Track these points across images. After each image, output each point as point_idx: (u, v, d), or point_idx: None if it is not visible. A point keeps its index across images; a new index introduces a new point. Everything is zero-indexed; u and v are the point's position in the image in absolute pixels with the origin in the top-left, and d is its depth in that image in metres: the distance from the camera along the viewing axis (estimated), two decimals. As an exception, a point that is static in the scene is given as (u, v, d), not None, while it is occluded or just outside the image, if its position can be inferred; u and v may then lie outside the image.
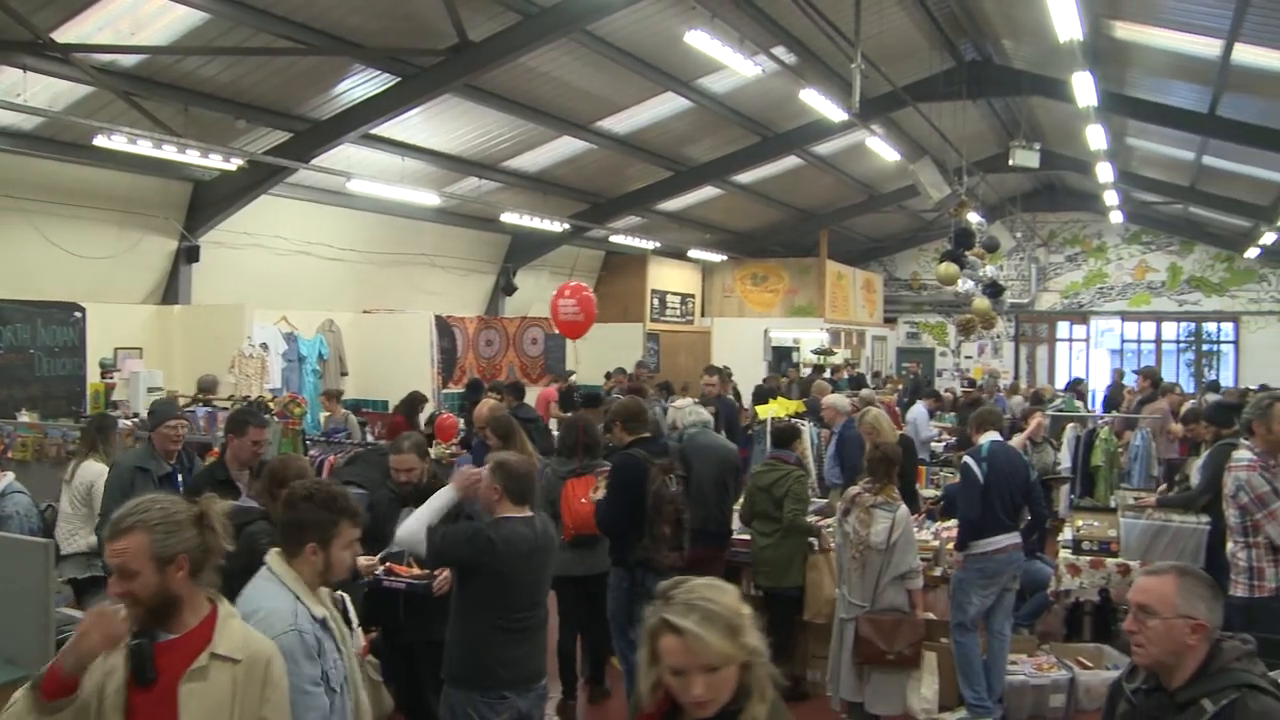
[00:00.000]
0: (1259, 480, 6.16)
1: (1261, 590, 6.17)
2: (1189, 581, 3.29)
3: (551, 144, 16.29)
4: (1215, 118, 15.61)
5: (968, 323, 19.68)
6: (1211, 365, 28.88)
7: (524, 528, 5.14)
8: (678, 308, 24.98)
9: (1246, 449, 6.39)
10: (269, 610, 3.54)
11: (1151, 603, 3.24)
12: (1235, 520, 6.29)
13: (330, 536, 3.73)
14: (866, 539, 7.07)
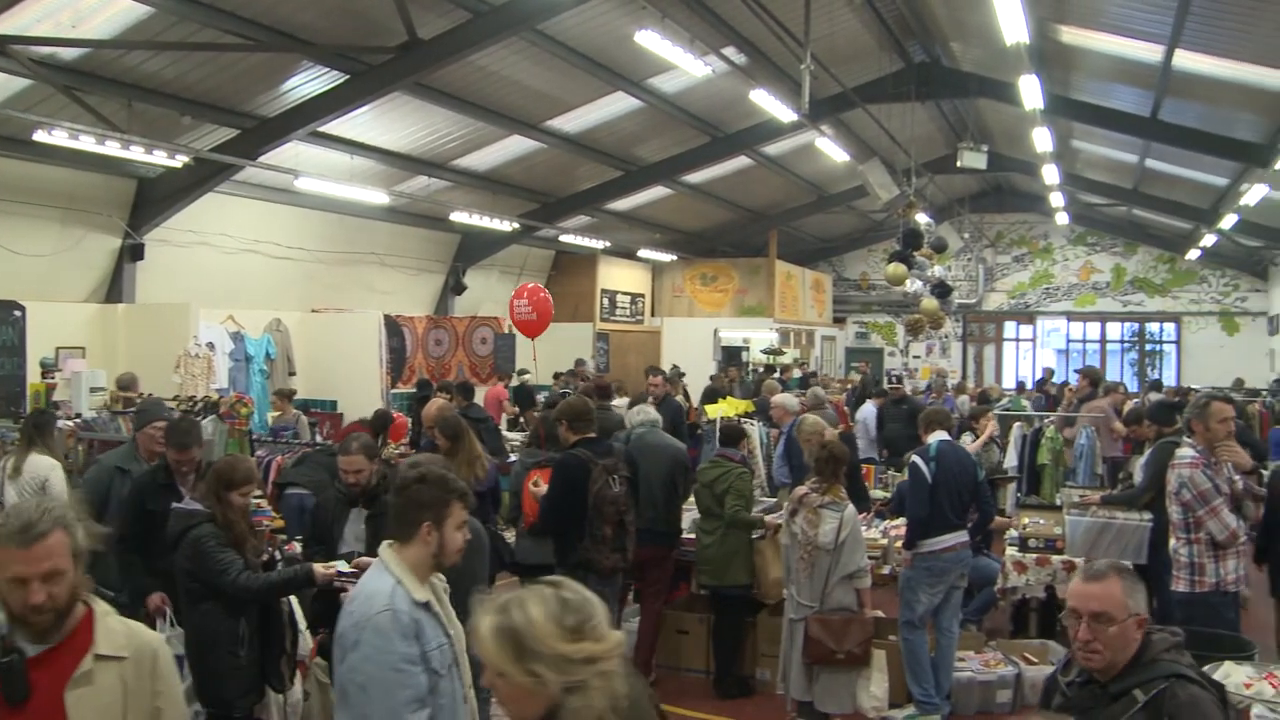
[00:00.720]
0: (1201, 478, 6.25)
1: (1202, 585, 6.28)
2: (1128, 579, 3.38)
3: (501, 143, 16.23)
4: (1157, 122, 15.83)
5: (916, 323, 19.83)
6: (1154, 365, 29.30)
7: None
8: (627, 307, 24.99)
9: (1189, 447, 6.49)
10: (369, 592, 3.63)
11: (1107, 609, 3.29)
12: (1178, 517, 6.39)
13: (444, 516, 3.75)
14: (814, 539, 7.08)
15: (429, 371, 18.05)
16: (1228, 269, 28.04)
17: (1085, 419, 13.42)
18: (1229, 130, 15.43)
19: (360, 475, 6.13)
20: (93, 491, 6.78)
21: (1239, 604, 6.55)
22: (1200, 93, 14.42)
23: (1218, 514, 6.21)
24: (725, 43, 13.79)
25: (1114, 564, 3.53)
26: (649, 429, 8.85)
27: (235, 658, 5.33)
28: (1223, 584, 6.30)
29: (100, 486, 6.74)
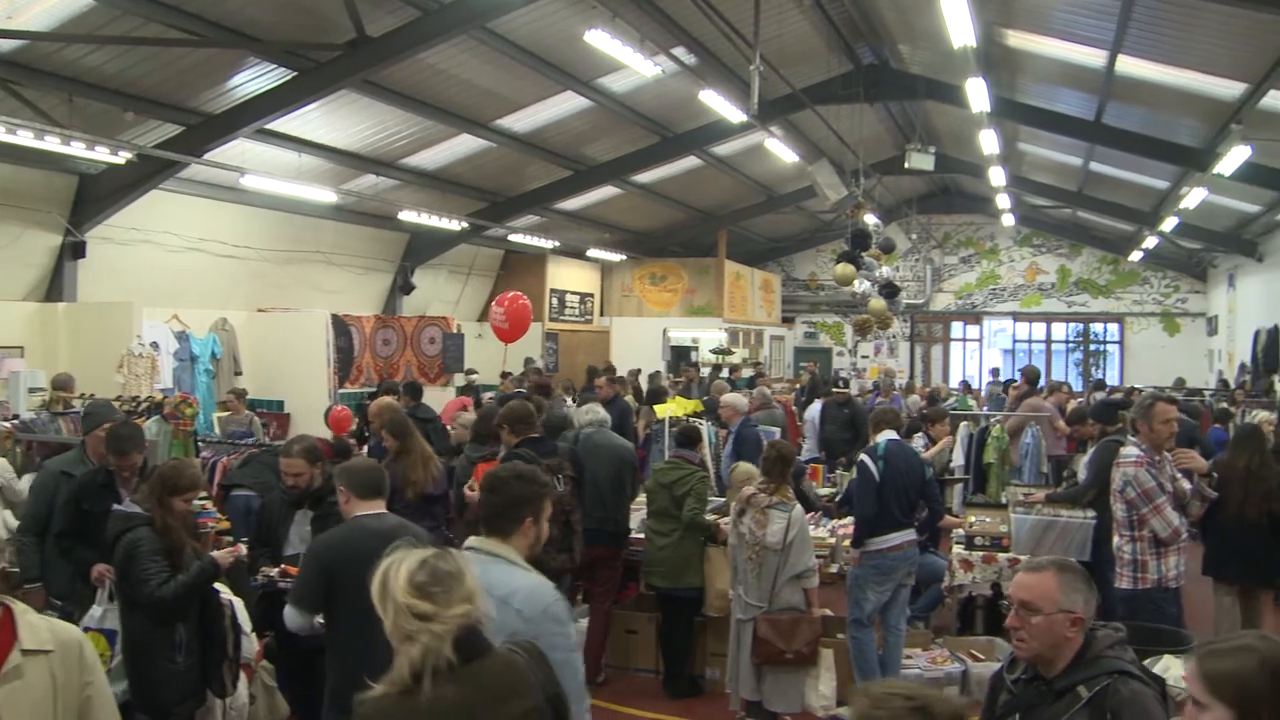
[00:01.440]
0: (1145, 476, 6.34)
1: (1144, 582, 6.38)
2: (1067, 576, 3.42)
3: (450, 142, 16.14)
4: (1101, 125, 16.04)
5: (864, 323, 19.96)
6: (1098, 365, 29.72)
7: (373, 522, 4.99)
8: (577, 307, 24.96)
9: (1134, 445, 6.58)
10: (532, 586, 3.84)
11: (1034, 599, 3.36)
12: (1122, 514, 6.48)
13: (540, 510, 4.01)
14: (762, 539, 7.10)
15: (377, 371, 17.92)
16: (1169, 271, 28.49)
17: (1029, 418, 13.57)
18: (1170, 135, 15.66)
19: (300, 478, 6.06)
20: (38, 498, 6.68)
21: (1180, 600, 6.65)
22: (1142, 97, 14.63)
23: (1161, 512, 6.30)
24: (675, 43, 13.82)
25: (1059, 561, 3.56)
26: (597, 429, 8.85)
27: (173, 663, 5.25)
28: (1164, 580, 6.41)
29: (45, 493, 6.64)
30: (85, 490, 6.34)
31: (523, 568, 3.95)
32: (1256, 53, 11.59)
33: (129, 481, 6.28)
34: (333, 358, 16.40)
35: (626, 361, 21.77)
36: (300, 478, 6.06)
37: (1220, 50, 11.96)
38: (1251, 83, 12.35)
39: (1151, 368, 27.03)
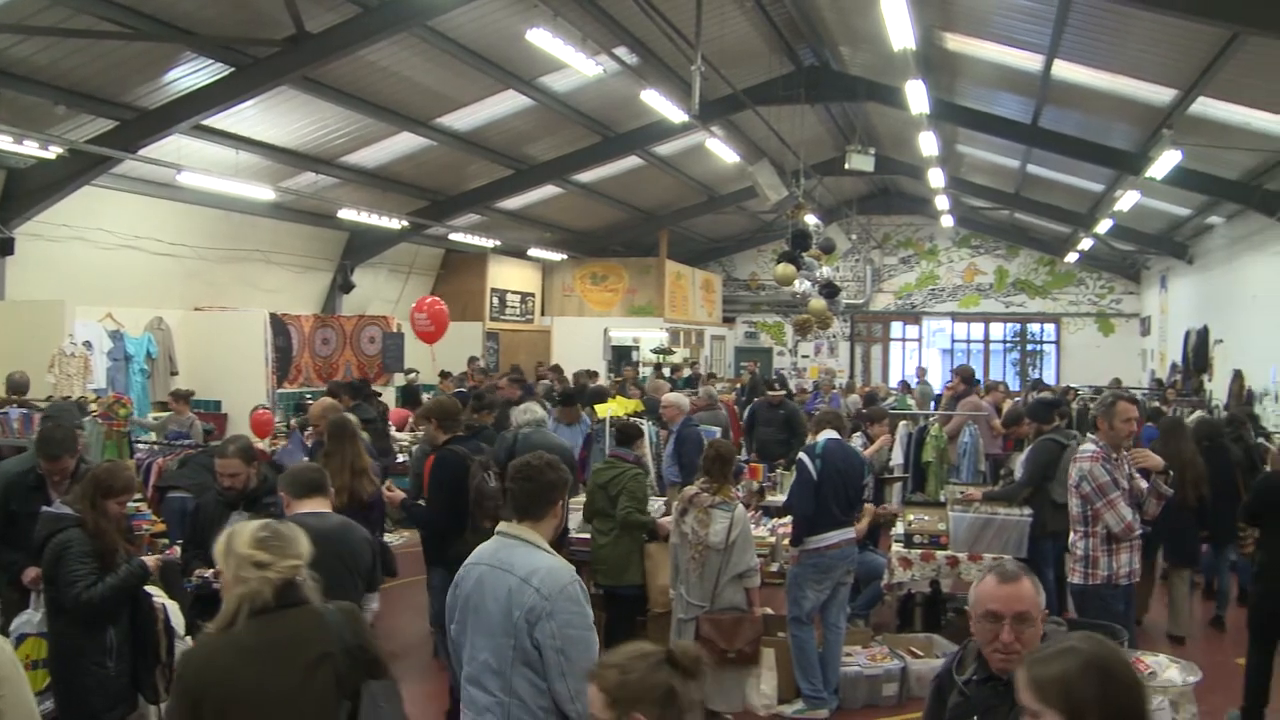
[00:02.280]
0: (1100, 471, 6.43)
1: (1094, 578, 6.47)
2: (1031, 575, 3.42)
3: (391, 140, 16.01)
4: (1037, 128, 16.27)
5: (804, 323, 20.08)
6: (1035, 364, 30.12)
7: (313, 520, 4.91)
8: (518, 306, 24.88)
9: (1091, 442, 6.66)
10: (550, 566, 4.14)
11: (1029, 610, 3.30)
12: (1076, 510, 6.58)
13: (563, 496, 4.41)
14: (705, 539, 7.13)
15: (316, 370, 17.75)
16: (1104, 272, 28.95)
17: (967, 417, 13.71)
18: (1104, 138, 15.91)
19: (236, 479, 5.98)
20: None
21: (1131, 596, 6.75)
22: (1078, 102, 14.85)
23: (1114, 507, 6.40)
24: (617, 43, 13.82)
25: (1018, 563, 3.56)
26: (535, 428, 8.84)
27: (102, 669, 5.16)
28: (1114, 577, 6.51)
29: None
30: (12, 491, 6.22)
31: (545, 550, 4.23)
32: (1186, 60, 11.81)
33: (59, 485, 6.17)
34: (271, 357, 16.22)
35: (568, 361, 21.76)
36: (236, 478, 5.98)
37: (1152, 57, 12.17)
38: (1182, 89, 12.59)
39: (1087, 367, 27.51)
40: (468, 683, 4.28)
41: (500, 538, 4.35)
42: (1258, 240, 17.01)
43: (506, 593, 4.13)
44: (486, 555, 4.34)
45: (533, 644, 4.07)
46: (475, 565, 4.34)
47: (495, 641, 4.14)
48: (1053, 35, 12.24)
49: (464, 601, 4.33)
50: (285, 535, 3.66)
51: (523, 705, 4.09)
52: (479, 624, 4.22)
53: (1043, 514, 9.35)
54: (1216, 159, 14.75)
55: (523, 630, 4.07)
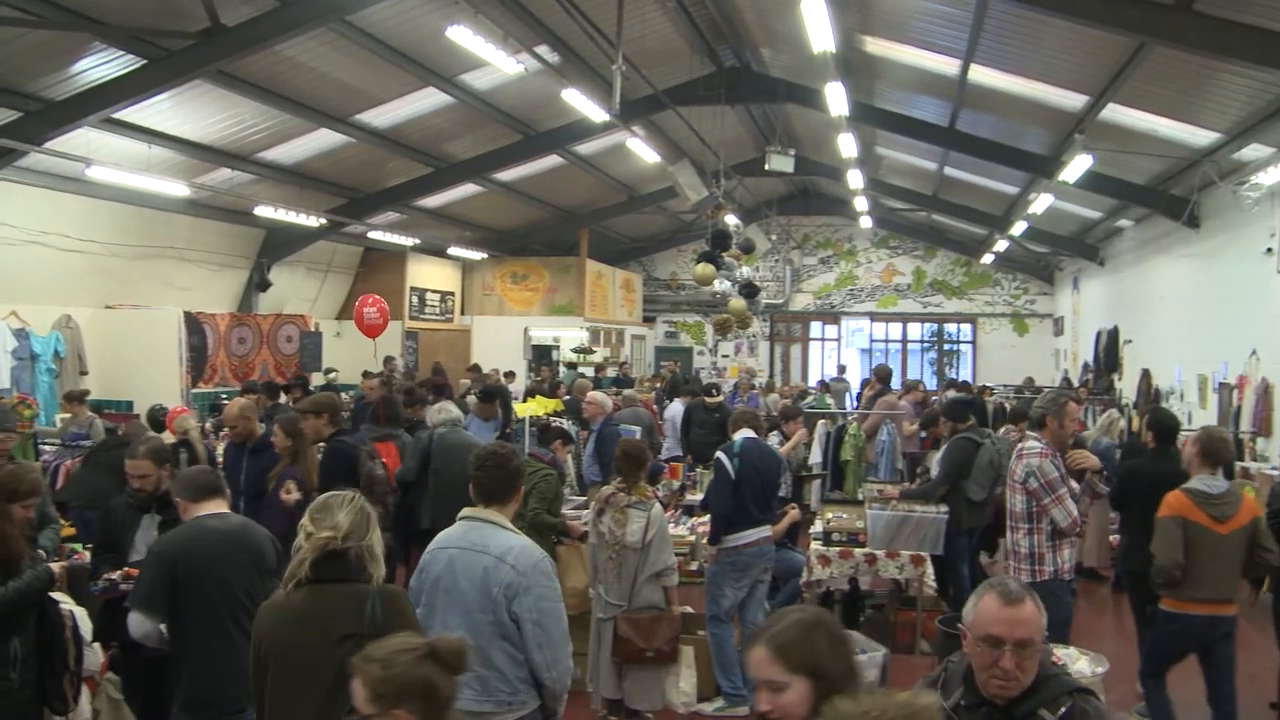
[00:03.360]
0: (1049, 467, 6.52)
1: (1041, 574, 6.55)
2: (1035, 596, 3.20)
3: (309, 136, 15.78)
4: (955, 131, 16.51)
5: (724, 322, 20.15)
6: (952, 364, 30.55)
7: (215, 522, 4.91)
8: (437, 306, 24.68)
9: (1034, 439, 6.74)
10: (523, 544, 4.49)
11: (1033, 635, 3.09)
12: (1021, 507, 6.62)
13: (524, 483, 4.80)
14: (622, 538, 7.12)
15: (232, 370, 17.49)
16: (1018, 273, 29.46)
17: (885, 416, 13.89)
18: (1019, 142, 16.20)
19: (146, 480, 5.84)
20: None
21: (1073, 591, 6.88)
22: (994, 106, 15.09)
23: (1062, 502, 6.50)
24: (538, 41, 13.76)
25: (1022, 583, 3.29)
26: (450, 428, 8.80)
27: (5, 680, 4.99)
28: (1060, 573, 6.60)
29: None
30: None
31: (513, 530, 4.57)
32: (1097, 67, 12.07)
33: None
34: (185, 356, 15.96)
35: (488, 361, 21.66)
36: (146, 480, 5.83)
37: (1064, 63, 12.42)
38: (1092, 95, 12.86)
39: (1002, 367, 28.02)
40: None
41: (467, 522, 4.61)
42: (1164, 243, 17.42)
43: (482, 571, 4.39)
44: (455, 539, 4.58)
45: (511, 618, 4.36)
46: (443, 549, 4.55)
47: (471, 619, 4.36)
48: (969, 40, 12.44)
49: (433, 584, 4.51)
50: (331, 505, 3.95)
51: (501, 676, 4.38)
52: (451, 603, 4.43)
53: (958, 511, 9.51)
54: (1126, 164, 15.10)
55: (501, 605, 4.35)
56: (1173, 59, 10.97)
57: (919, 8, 12.79)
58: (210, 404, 15.81)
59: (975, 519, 9.78)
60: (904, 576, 9.44)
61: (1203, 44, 9.68)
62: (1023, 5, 10.38)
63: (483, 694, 4.35)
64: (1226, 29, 9.36)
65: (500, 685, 4.37)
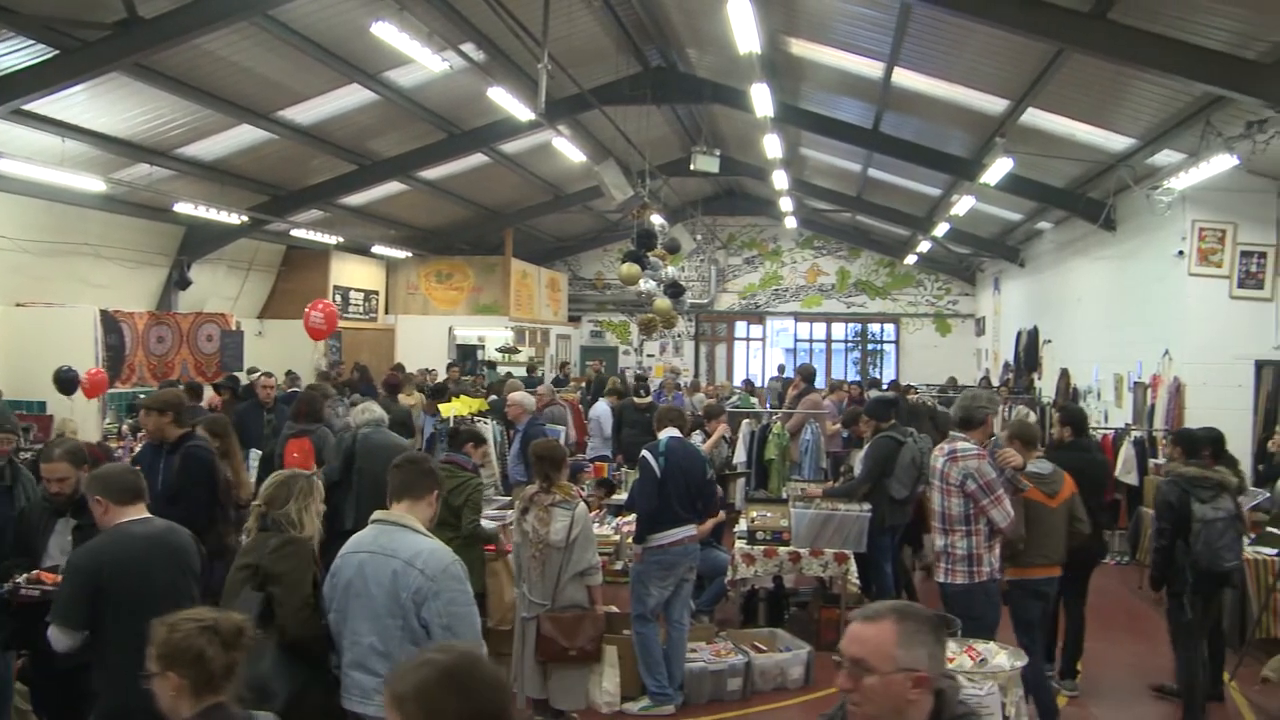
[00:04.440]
0: (988, 468, 6.60)
1: (980, 575, 6.64)
2: (909, 626, 2.78)
3: (230, 132, 15.51)
4: (878, 133, 16.69)
5: (649, 322, 20.21)
6: (875, 364, 30.87)
7: (138, 528, 4.83)
8: (361, 305, 24.43)
9: (965, 441, 6.79)
10: (433, 547, 4.49)
11: (867, 656, 2.73)
12: (958, 510, 6.67)
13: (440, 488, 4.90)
14: (546, 537, 7.12)
15: (151, 370, 17.17)
16: (941, 274, 29.86)
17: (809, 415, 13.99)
18: (942, 145, 16.41)
19: (65, 484, 5.69)
20: None
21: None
22: (917, 108, 15.27)
23: (1001, 503, 6.61)
24: (464, 39, 13.68)
25: (900, 607, 2.89)
26: (374, 428, 8.73)
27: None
28: (994, 572, 6.74)
29: None
30: None
31: (424, 534, 4.55)
32: (1017, 72, 12.27)
33: None
34: (102, 355, 15.62)
35: (412, 360, 21.51)
36: (64, 483, 5.69)
37: (986, 68, 12.60)
38: (1013, 99, 13.07)
39: (925, 366, 28.43)
40: (350, 668, 4.44)
41: (378, 525, 4.61)
42: (1082, 245, 17.75)
43: (391, 576, 4.38)
44: (366, 543, 4.55)
45: (420, 623, 4.34)
46: (354, 553, 4.53)
47: (381, 624, 4.38)
48: (893, 43, 12.58)
49: (344, 589, 4.50)
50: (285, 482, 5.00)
51: None
52: (361, 609, 4.43)
53: (881, 509, 9.62)
54: (1045, 167, 15.36)
55: (410, 610, 4.34)
56: (1089, 66, 11.19)
57: (843, 10, 12.91)
58: (128, 404, 15.49)
59: (898, 517, 9.90)
60: (828, 574, 9.52)
61: (1117, 52, 9.88)
62: (944, 10, 10.51)
63: None
64: (1139, 38, 9.57)
65: None
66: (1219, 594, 7.89)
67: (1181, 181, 11.78)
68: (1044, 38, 10.35)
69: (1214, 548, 7.46)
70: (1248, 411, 13.12)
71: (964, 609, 6.50)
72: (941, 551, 6.83)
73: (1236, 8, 9.06)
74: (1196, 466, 7.84)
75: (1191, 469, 7.81)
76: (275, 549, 4.70)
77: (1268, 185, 12.88)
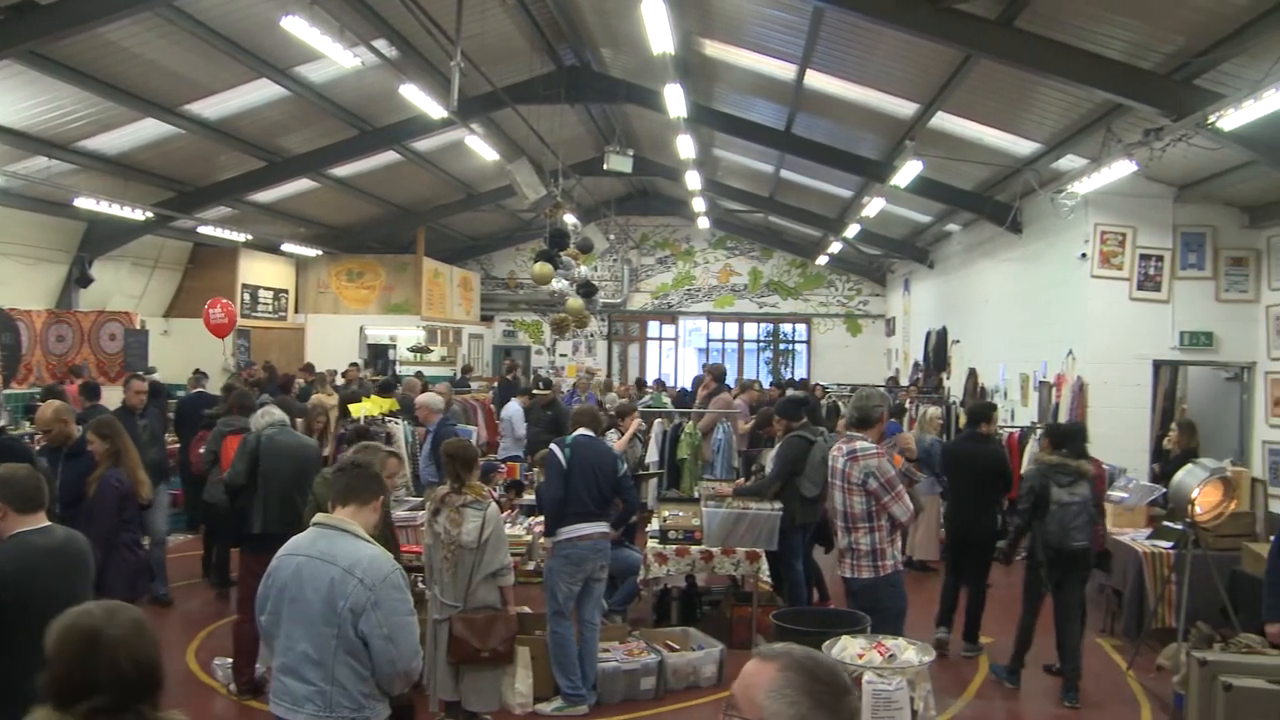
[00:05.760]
0: (887, 466, 6.76)
1: (884, 569, 6.84)
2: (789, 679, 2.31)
3: (134, 125, 15.14)
4: (791, 135, 16.83)
5: (562, 321, 20.16)
6: (787, 363, 31.14)
7: (40, 539, 4.69)
8: (270, 303, 24.06)
9: (863, 439, 6.90)
10: (373, 554, 4.36)
11: (737, 695, 2.37)
12: (860, 507, 6.82)
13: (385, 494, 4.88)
14: (458, 538, 7.08)
15: (50, 370, 16.74)
16: (852, 275, 30.21)
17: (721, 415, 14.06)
18: (853, 147, 16.59)
19: None
20: None
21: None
22: (829, 111, 15.42)
23: (901, 498, 6.80)
24: (376, 34, 13.53)
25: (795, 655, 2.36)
26: (279, 430, 8.62)
27: None
28: (896, 564, 6.93)
29: None
30: None
31: (366, 540, 4.43)
32: (927, 77, 12.45)
33: None
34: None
35: (323, 360, 21.25)
36: None
37: (897, 72, 12.77)
38: (923, 103, 13.25)
39: (836, 366, 28.76)
40: (281, 673, 4.34)
41: (318, 528, 4.47)
42: (989, 247, 18.06)
43: (329, 583, 4.25)
44: (304, 546, 4.42)
45: (357, 634, 4.23)
46: (291, 556, 4.40)
47: (315, 631, 4.25)
48: (806, 46, 12.69)
49: (279, 592, 4.37)
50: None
51: (345, 693, 4.27)
52: (296, 614, 4.30)
53: (792, 508, 9.71)
54: (954, 170, 15.61)
55: (347, 621, 4.23)
56: (997, 72, 11.40)
57: (757, 13, 12.99)
58: (25, 405, 15.08)
59: (808, 515, 9.99)
60: (740, 573, 9.58)
61: (1023, 59, 10.08)
62: (856, 14, 10.63)
63: (324, 710, 4.25)
64: (1044, 46, 9.77)
65: (343, 701, 4.27)
66: (1074, 574, 8.64)
67: (1084, 186, 12.03)
68: (953, 43, 10.51)
69: (1066, 528, 8.42)
70: (1146, 410, 13.48)
71: (870, 602, 6.70)
72: (846, 548, 6.98)
73: (1133, 19, 9.31)
74: (1059, 456, 8.71)
75: (1054, 457, 8.74)
76: None
77: (1164, 191, 13.23)
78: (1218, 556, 9.19)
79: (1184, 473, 9.04)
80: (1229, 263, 13.23)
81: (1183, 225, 13.30)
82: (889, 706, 5.44)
